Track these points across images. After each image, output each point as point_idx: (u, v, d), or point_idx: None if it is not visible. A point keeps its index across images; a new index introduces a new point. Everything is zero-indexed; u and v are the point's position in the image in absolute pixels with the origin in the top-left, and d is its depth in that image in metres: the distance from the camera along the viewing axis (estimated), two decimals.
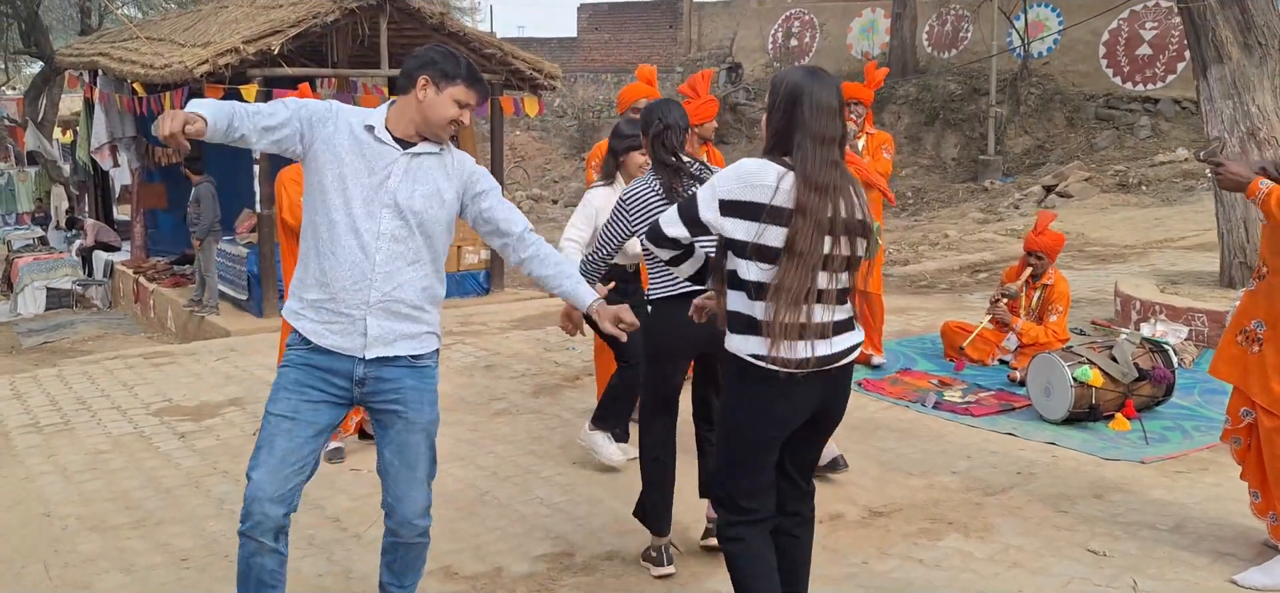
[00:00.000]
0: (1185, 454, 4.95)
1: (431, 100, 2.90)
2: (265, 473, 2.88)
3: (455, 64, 2.92)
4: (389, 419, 3.02)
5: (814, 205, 2.71)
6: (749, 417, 2.85)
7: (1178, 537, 4.01)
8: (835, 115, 2.80)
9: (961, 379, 6.34)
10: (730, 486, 2.94)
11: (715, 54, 26.68)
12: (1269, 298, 3.57)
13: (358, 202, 2.89)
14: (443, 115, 2.92)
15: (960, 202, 17.53)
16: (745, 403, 2.85)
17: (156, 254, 13.42)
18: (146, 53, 11.28)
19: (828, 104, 2.78)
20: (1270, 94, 6.82)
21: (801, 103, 2.78)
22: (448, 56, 2.94)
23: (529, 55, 11.57)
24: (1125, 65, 18.79)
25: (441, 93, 2.90)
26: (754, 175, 2.77)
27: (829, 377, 2.85)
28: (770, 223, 2.72)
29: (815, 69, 2.92)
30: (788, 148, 2.78)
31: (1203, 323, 6.78)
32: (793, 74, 2.86)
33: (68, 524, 4.41)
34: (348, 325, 2.91)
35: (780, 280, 2.71)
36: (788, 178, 2.74)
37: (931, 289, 10.06)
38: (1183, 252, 10.86)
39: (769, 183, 2.74)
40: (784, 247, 2.71)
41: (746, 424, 2.86)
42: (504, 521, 4.36)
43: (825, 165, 2.75)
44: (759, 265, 2.75)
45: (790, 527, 3.05)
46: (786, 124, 2.79)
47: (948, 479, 4.72)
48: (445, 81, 2.90)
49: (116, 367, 7.52)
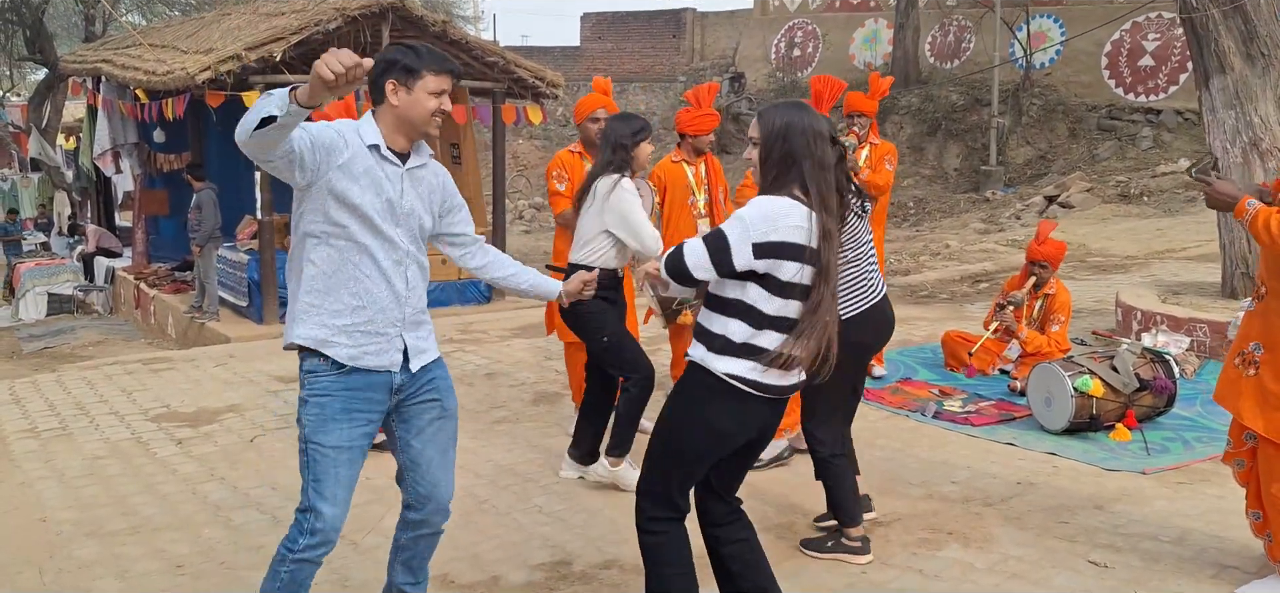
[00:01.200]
0: (1187, 465, 4.92)
1: (406, 102, 2.88)
2: (336, 509, 2.93)
3: (415, 56, 2.88)
4: (426, 411, 3.07)
5: (834, 230, 2.83)
6: (705, 428, 2.90)
7: (1180, 549, 3.99)
8: (829, 142, 2.88)
9: (962, 388, 6.32)
10: (668, 483, 2.98)
11: (718, 64, 26.71)
12: (1265, 319, 3.49)
13: (381, 223, 2.89)
14: (424, 111, 2.89)
15: (962, 212, 17.51)
16: (704, 415, 2.89)
17: (158, 260, 13.43)
18: (149, 59, 11.30)
19: (822, 132, 2.87)
20: (1273, 104, 6.81)
21: (804, 135, 2.84)
22: (405, 52, 2.90)
23: (532, 64, 11.58)
24: (1127, 76, 18.79)
25: (413, 91, 2.87)
26: (784, 215, 2.79)
27: (781, 401, 2.95)
28: (808, 262, 2.79)
29: (799, 102, 3.00)
30: (797, 182, 2.83)
31: (1204, 333, 6.75)
32: (782, 112, 2.90)
33: (64, 530, 4.40)
34: (385, 344, 2.94)
35: (816, 313, 2.80)
36: (813, 217, 2.80)
37: (932, 299, 10.04)
38: (1184, 262, 10.83)
39: (802, 224, 2.78)
40: (816, 282, 2.80)
41: (702, 435, 2.91)
42: (502, 529, 4.34)
43: (831, 192, 2.85)
44: (783, 301, 2.81)
45: (732, 535, 3.10)
46: (786, 156, 2.84)
47: (948, 489, 4.70)
48: (411, 78, 2.87)
49: (116, 372, 7.51)
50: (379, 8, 10.17)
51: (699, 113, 5.49)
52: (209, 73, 9.52)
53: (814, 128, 2.85)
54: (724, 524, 3.09)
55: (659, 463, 3.00)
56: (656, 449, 3.01)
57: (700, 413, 2.89)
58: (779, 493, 4.66)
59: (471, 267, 3.27)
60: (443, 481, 3.12)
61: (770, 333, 2.81)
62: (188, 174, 10.81)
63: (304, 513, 2.93)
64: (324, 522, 2.90)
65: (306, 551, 2.92)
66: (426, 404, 3.07)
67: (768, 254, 2.77)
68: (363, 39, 10.36)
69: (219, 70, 9.53)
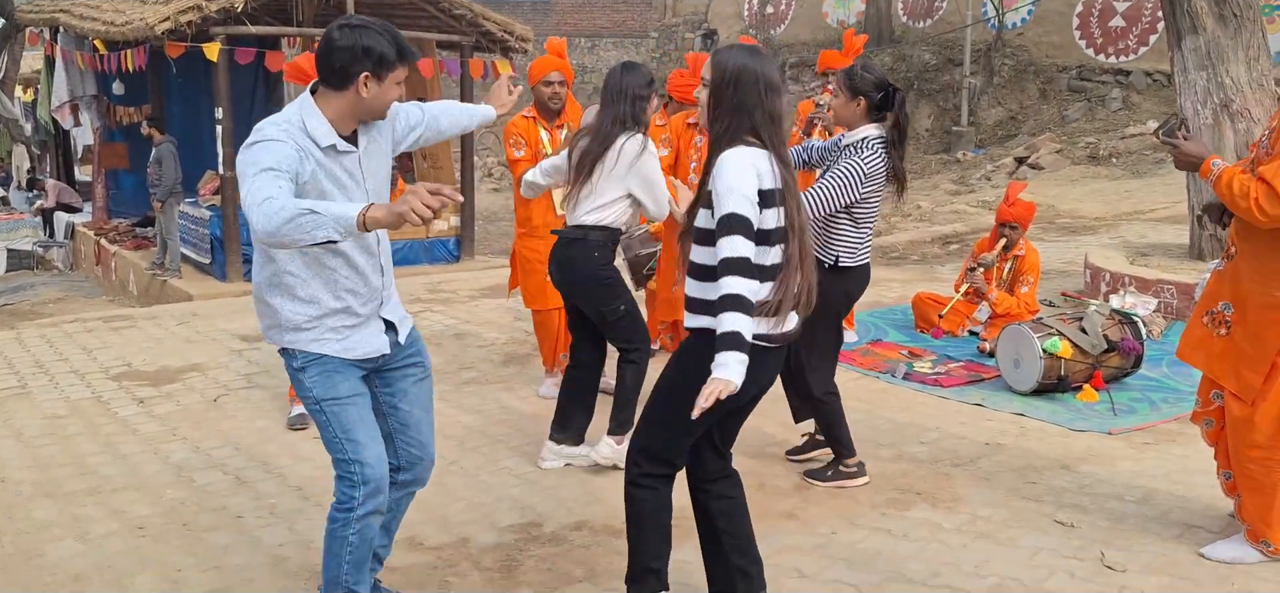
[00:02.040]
0: (1152, 426, 4.96)
1: (376, 93, 2.74)
2: (377, 448, 2.90)
3: (390, 45, 2.71)
4: (410, 374, 3.07)
5: (790, 181, 2.81)
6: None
7: (1145, 509, 4.02)
8: (779, 92, 2.85)
9: (932, 350, 6.33)
10: (667, 443, 2.95)
11: (691, 20, 26.50)
12: (1235, 280, 3.48)
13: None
14: (388, 100, 2.79)
15: (933, 173, 17.54)
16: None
17: (118, 216, 13.18)
18: (107, 10, 11.01)
19: (774, 82, 2.83)
20: (1244, 66, 6.81)
21: (757, 84, 2.79)
22: (379, 38, 2.70)
23: (501, 17, 11.41)
24: (1098, 37, 18.82)
25: (384, 83, 2.73)
26: (757, 161, 2.76)
27: (783, 352, 2.93)
28: (777, 205, 2.77)
29: (754, 47, 2.95)
30: (749, 129, 2.79)
31: (1172, 295, 6.80)
32: (736, 55, 2.85)
33: (22, 490, 4.31)
34: (371, 333, 2.94)
35: (793, 256, 2.78)
36: (772, 159, 2.78)
37: (903, 261, 10.05)
38: (1152, 224, 10.91)
39: (767, 168, 2.77)
40: (787, 225, 2.78)
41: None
42: (470, 491, 4.30)
43: (783, 143, 2.84)
44: (775, 249, 2.79)
45: (724, 490, 3.09)
46: (740, 104, 2.78)
47: (917, 450, 4.71)
48: (386, 70, 2.72)
49: (76, 330, 7.37)
50: None
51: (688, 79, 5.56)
52: (168, 23, 9.29)
53: (768, 77, 2.79)
54: (716, 480, 3.07)
55: (663, 423, 2.95)
56: (660, 410, 2.96)
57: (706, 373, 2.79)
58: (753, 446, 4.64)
59: (434, 134, 3.25)
60: (430, 438, 3.15)
61: (768, 283, 2.78)
62: (148, 125, 10.57)
63: (349, 470, 2.87)
64: (372, 469, 2.87)
65: (367, 502, 2.88)
66: (410, 368, 3.08)
67: (763, 204, 2.75)
68: None
69: (179, 21, 9.30)
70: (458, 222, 11.17)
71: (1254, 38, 6.88)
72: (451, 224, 11.11)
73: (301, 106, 2.77)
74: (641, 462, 2.99)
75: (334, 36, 2.72)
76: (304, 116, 2.74)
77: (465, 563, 3.66)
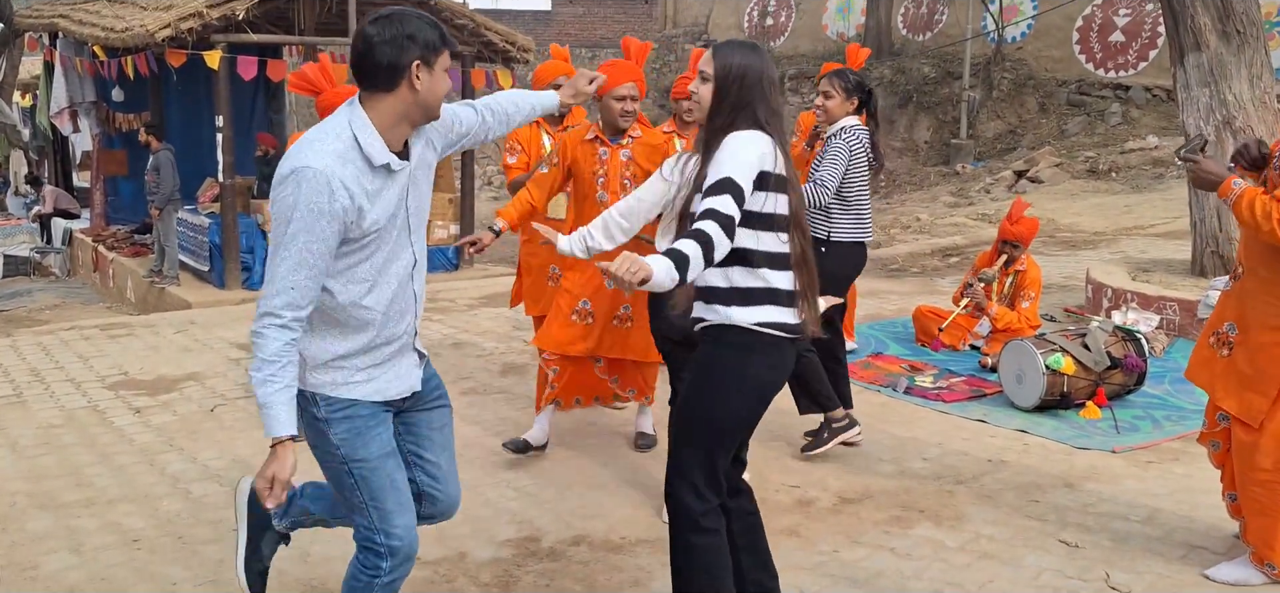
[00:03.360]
0: (1156, 444, 4.93)
1: (428, 85, 2.47)
2: (408, 517, 2.66)
3: (432, 28, 2.47)
4: (435, 416, 2.84)
5: (791, 174, 2.79)
6: (747, 391, 2.76)
7: (1150, 529, 3.98)
8: (779, 89, 2.88)
9: (933, 364, 6.30)
10: (713, 464, 2.77)
11: (691, 31, 26.52)
12: (1241, 300, 3.46)
13: (395, 255, 2.56)
14: (442, 92, 2.52)
15: (932, 185, 17.54)
16: (744, 377, 2.75)
17: (117, 222, 13.16)
18: (107, 15, 11.01)
19: (774, 78, 2.84)
20: (1247, 82, 6.80)
21: (757, 79, 2.78)
22: (420, 23, 2.45)
23: (502, 27, 11.40)
24: (1098, 51, 18.83)
25: (434, 70, 2.47)
26: (761, 143, 2.73)
27: (795, 347, 2.87)
28: (777, 190, 2.74)
29: (754, 44, 2.94)
30: (752, 121, 2.77)
31: (1174, 312, 6.78)
32: (738, 51, 2.83)
33: (16, 501, 4.27)
34: (404, 368, 2.68)
35: (801, 249, 2.77)
36: (776, 148, 2.76)
37: (903, 273, 10.03)
38: (1152, 239, 10.89)
39: (768, 151, 2.73)
40: (791, 216, 2.75)
41: (746, 406, 2.78)
42: (469, 504, 4.23)
43: (785, 138, 2.83)
44: (779, 236, 2.75)
45: (745, 505, 2.99)
46: (742, 99, 2.77)
47: (919, 466, 4.67)
48: (434, 55, 2.46)
49: (72, 338, 7.33)
50: None
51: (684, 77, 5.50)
52: (169, 30, 9.27)
53: (770, 75, 2.81)
54: (734, 495, 2.94)
55: (700, 444, 2.78)
56: (693, 430, 2.79)
57: (741, 373, 2.74)
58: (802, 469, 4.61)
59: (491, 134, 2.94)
60: (455, 484, 2.91)
61: (781, 273, 2.74)
62: (146, 132, 10.54)
63: (375, 540, 2.63)
64: (402, 538, 2.63)
65: (394, 571, 2.66)
66: (436, 409, 2.84)
67: (761, 186, 2.72)
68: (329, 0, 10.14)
69: (179, 28, 9.28)
70: (457, 230, 11.14)
71: (1257, 55, 6.87)
72: (450, 233, 11.08)
73: (352, 120, 2.45)
74: (693, 503, 2.76)
75: (371, 33, 2.43)
76: (356, 132, 2.44)
77: (463, 578, 3.63)
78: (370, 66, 2.44)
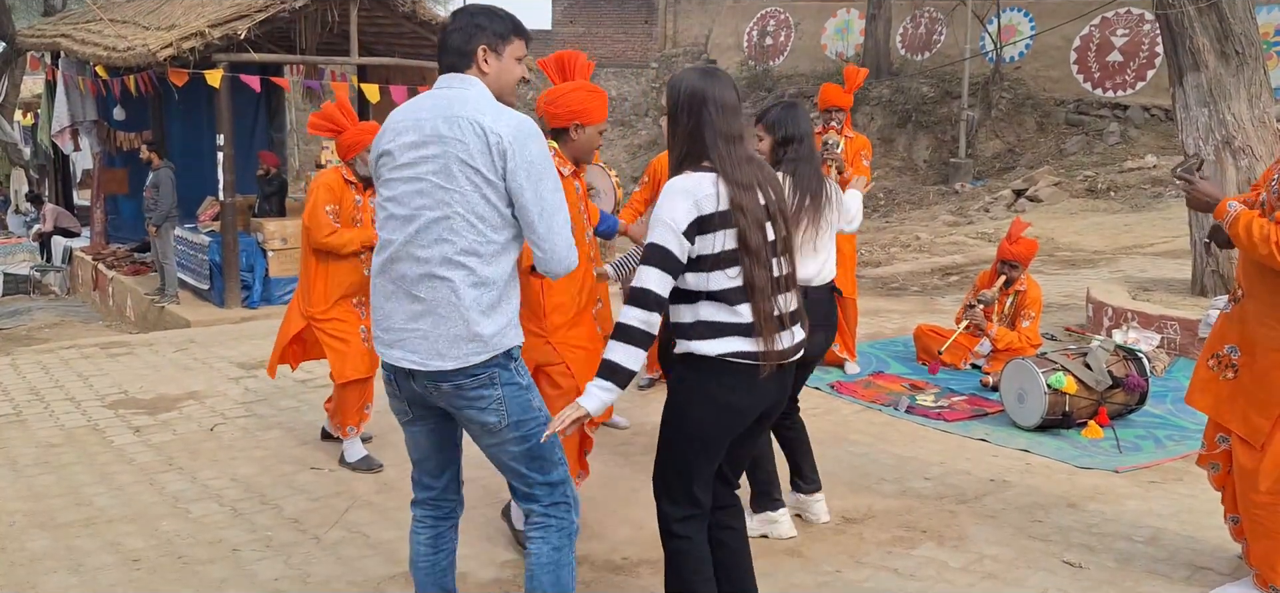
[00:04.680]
0: (1158, 463, 4.91)
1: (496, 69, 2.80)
2: None
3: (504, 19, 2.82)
4: None
5: (747, 202, 2.74)
6: (714, 414, 2.81)
7: (1153, 549, 3.97)
8: (738, 113, 2.83)
9: (935, 383, 6.29)
10: (689, 478, 2.88)
11: (691, 50, 26.61)
12: (1242, 322, 3.44)
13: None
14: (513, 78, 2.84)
15: (931, 204, 17.56)
16: (707, 397, 2.79)
17: (117, 241, 13.16)
18: (109, 35, 11.04)
19: (731, 103, 2.80)
20: (1246, 103, 6.82)
21: (707, 106, 2.77)
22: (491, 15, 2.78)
23: None
24: (1096, 71, 18.90)
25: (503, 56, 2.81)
26: (696, 189, 2.72)
27: (786, 370, 2.87)
28: (722, 228, 2.71)
29: (710, 68, 2.93)
30: (702, 153, 2.77)
31: (1175, 331, 6.77)
32: (689, 78, 2.84)
33: (15, 521, 4.25)
34: None
35: (751, 279, 2.72)
36: (720, 182, 2.73)
37: (903, 291, 10.02)
38: (1152, 258, 10.90)
39: (710, 192, 2.72)
40: (739, 247, 2.72)
41: (710, 422, 2.82)
42: (468, 525, 4.21)
43: (741, 163, 2.78)
44: (727, 272, 2.73)
45: (726, 520, 3.03)
46: (696, 128, 2.78)
47: (921, 486, 4.66)
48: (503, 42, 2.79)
49: (72, 357, 7.32)
50: None
51: None
52: (171, 50, 9.29)
53: (721, 98, 2.78)
54: (721, 508, 3.01)
55: (676, 458, 2.89)
56: (671, 445, 2.89)
57: (703, 392, 2.79)
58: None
59: None
60: None
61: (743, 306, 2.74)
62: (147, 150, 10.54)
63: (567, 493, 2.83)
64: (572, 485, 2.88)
65: (578, 521, 2.87)
66: None
67: (697, 230, 2.69)
68: (330, 18, 10.17)
69: (181, 48, 9.31)
70: None
71: (1256, 75, 6.89)
72: None
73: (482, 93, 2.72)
74: (670, 510, 2.91)
75: (447, 24, 2.80)
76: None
77: None
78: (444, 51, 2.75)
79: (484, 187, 2.59)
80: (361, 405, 4.89)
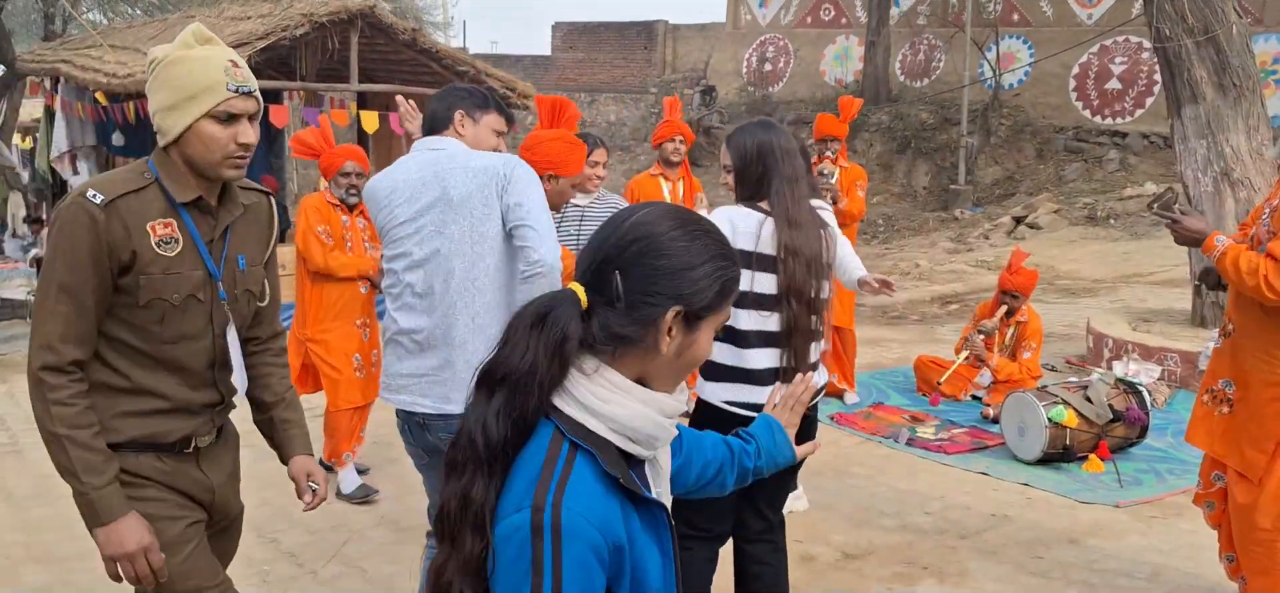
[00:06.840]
0: (1160, 498, 4.89)
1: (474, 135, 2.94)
2: None
3: (481, 95, 3.02)
4: None
5: (798, 243, 2.80)
6: None
7: (1154, 586, 3.95)
8: (798, 156, 2.93)
9: (935, 415, 6.27)
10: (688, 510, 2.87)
11: (689, 76, 26.69)
12: (1235, 356, 3.42)
13: None
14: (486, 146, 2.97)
15: (930, 231, 17.57)
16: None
17: None
18: (110, 61, 11.05)
19: (792, 149, 2.92)
20: (1244, 135, 6.83)
21: (773, 152, 2.88)
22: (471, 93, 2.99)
23: (502, 73, 11.45)
24: (1095, 99, 18.98)
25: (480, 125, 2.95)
26: (738, 220, 2.80)
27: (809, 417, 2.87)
28: (759, 270, 2.76)
29: (767, 120, 3.04)
30: (762, 194, 2.86)
31: (1175, 363, 6.76)
32: (753, 132, 2.93)
33: (11, 553, 4.22)
34: None
35: (794, 324, 2.77)
36: (768, 224, 2.79)
37: (902, 320, 10.02)
38: (1152, 287, 10.90)
39: (752, 230, 2.78)
40: (782, 293, 2.76)
41: None
42: None
43: (798, 202, 2.86)
44: (752, 313, 2.76)
45: (762, 554, 3.05)
46: (763, 174, 2.87)
47: (922, 519, 4.64)
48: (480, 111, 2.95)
49: None
50: (347, 14, 9.99)
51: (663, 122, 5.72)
52: None
53: (784, 146, 2.90)
54: (756, 541, 3.03)
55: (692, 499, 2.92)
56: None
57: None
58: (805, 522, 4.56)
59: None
60: None
61: (757, 351, 2.75)
62: None
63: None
64: None
65: None
66: None
67: None
68: (331, 45, 10.19)
69: None
70: None
71: (1254, 107, 6.91)
72: None
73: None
74: (683, 526, 2.92)
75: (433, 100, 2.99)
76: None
77: None
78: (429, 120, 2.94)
79: (484, 221, 2.67)
80: (354, 432, 4.92)
